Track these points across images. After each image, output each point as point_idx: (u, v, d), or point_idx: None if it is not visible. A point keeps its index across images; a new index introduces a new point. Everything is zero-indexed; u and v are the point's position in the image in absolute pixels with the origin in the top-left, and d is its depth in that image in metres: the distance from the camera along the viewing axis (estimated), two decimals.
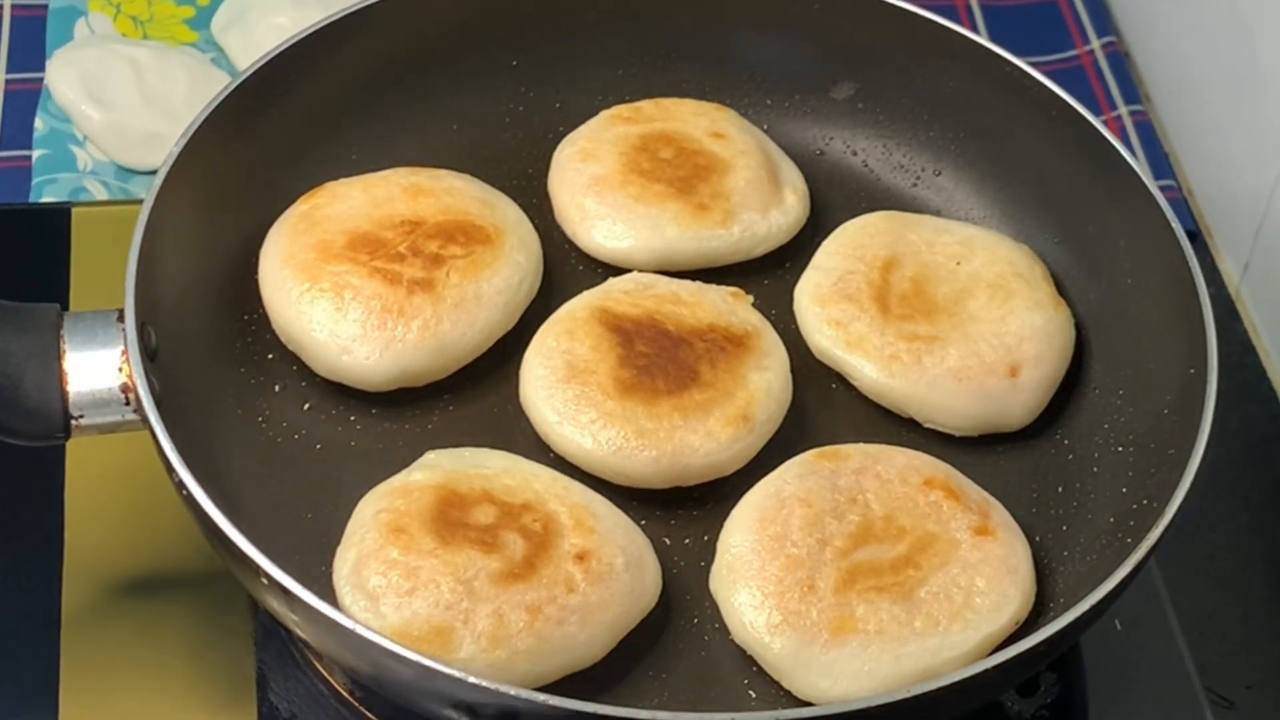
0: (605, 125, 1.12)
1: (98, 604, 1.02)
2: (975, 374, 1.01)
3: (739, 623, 0.93)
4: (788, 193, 1.10)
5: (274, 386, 1.02)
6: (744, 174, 1.09)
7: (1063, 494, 1.01)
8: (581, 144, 1.11)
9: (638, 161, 1.10)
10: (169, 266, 0.98)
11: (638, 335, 1.00)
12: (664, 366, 0.99)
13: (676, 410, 0.98)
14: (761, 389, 0.99)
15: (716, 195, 1.08)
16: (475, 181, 1.08)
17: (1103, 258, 1.06)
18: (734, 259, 1.09)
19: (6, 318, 0.94)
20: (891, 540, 0.94)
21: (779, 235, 1.09)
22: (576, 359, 0.99)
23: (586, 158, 1.10)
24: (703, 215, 1.08)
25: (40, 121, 1.29)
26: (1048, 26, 1.42)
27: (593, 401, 0.98)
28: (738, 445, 0.98)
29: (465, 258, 1.02)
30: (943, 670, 0.90)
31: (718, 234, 1.08)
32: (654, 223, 1.08)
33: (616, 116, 1.13)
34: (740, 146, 1.10)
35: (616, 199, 1.09)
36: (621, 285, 1.04)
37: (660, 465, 0.97)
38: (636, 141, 1.11)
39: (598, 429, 0.97)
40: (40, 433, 0.94)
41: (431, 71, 1.13)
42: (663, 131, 1.11)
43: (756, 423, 0.98)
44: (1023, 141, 1.11)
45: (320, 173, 1.09)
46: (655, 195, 1.08)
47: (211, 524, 0.87)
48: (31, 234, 1.20)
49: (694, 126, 1.11)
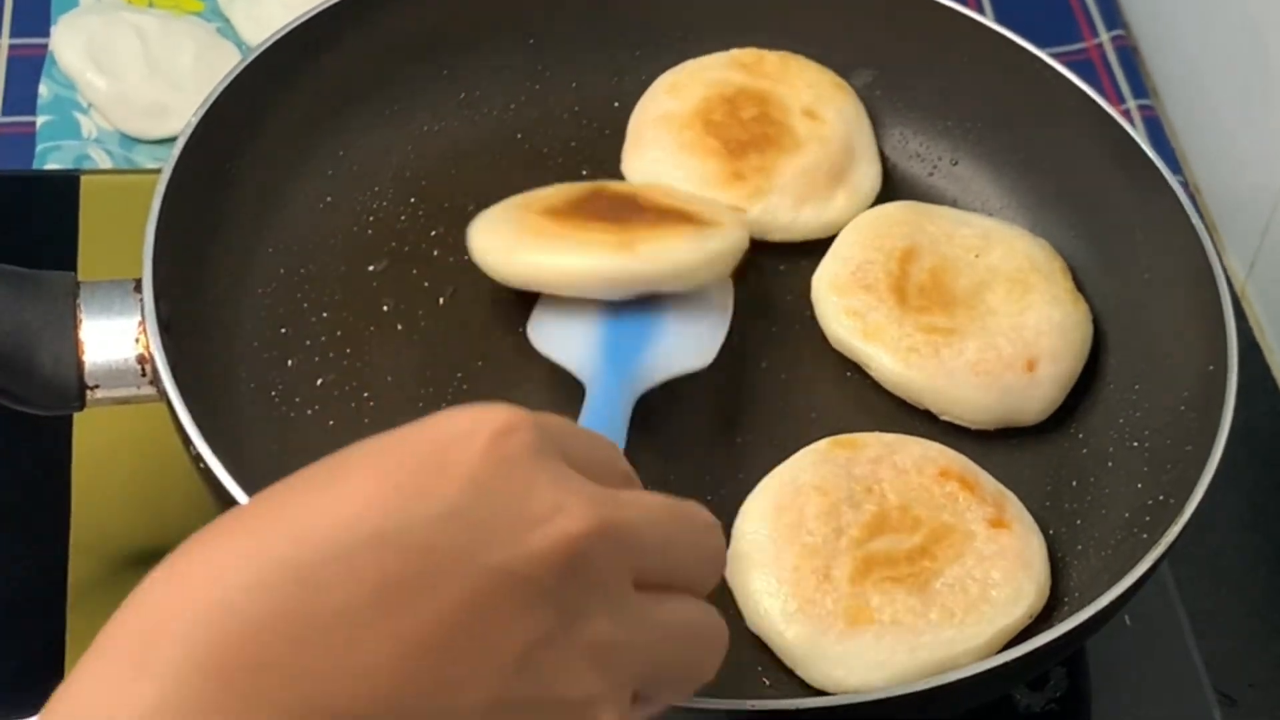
0: (714, 65, 1.12)
1: (105, 577, 1.01)
2: (993, 367, 1.01)
3: (753, 609, 0.93)
4: (841, 194, 1.09)
5: (287, 361, 1.01)
6: (804, 160, 1.08)
7: (1077, 488, 1.00)
8: (677, 77, 1.12)
9: (713, 112, 1.10)
10: (184, 237, 0.98)
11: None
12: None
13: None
14: None
15: (760, 170, 1.08)
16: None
17: (1120, 252, 1.06)
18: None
19: (22, 285, 0.93)
20: (907, 531, 0.94)
21: (803, 230, 1.08)
22: None
23: (673, 90, 1.11)
24: (732, 183, 1.07)
25: (45, 88, 1.28)
26: (1057, 17, 1.42)
27: None
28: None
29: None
30: (957, 662, 0.90)
31: (737, 206, 1.07)
32: (684, 172, 1.08)
33: (735, 60, 1.13)
34: (823, 133, 1.09)
35: (667, 139, 1.09)
36: None
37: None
38: (728, 91, 1.11)
39: None
40: (54, 403, 0.93)
41: (448, 44, 1.13)
42: (760, 90, 1.11)
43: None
44: (1042, 133, 1.10)
45: (336, 145, 1.08)
46: (704, 149, 1.08)
47: (231, 500, 0.86)
48: (38, 201, 1.19)
49: (795, 97, 1.11)
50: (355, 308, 1.04)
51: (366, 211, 1.08)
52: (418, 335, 1.03)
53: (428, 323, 1.04)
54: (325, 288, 1.04)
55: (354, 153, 1.09)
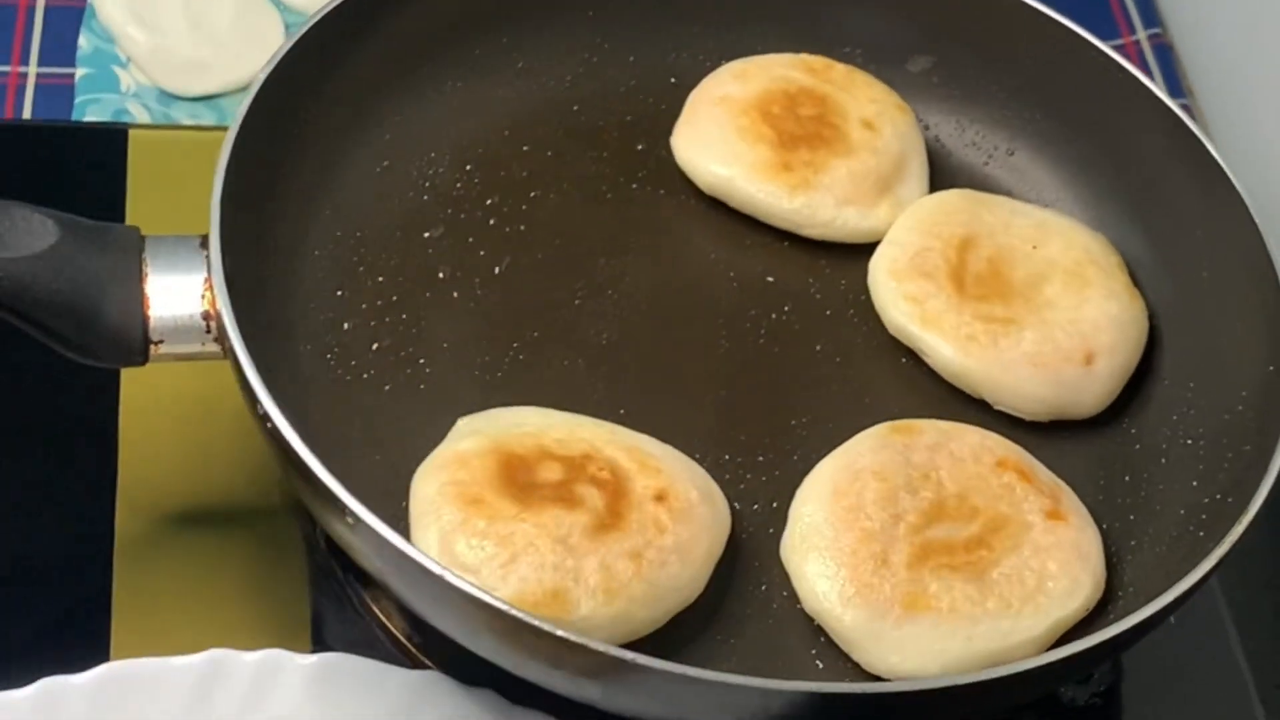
0: (781, 62, 1.12)
1: (151, 533, 1.01)
2: (1050, 360, 1.01)
3: (810, 592, 0.92)
4: (885, 204, 1.08)
5: (343, 324, 1.00)
6: (853, 164, 1.08)
7: (1130, 483, 1.00)
8: (745, 66, 1.12)
9: (772, 103, 1.09)
10: (247, 195, 0.96)
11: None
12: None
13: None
14: None
15: (809, 165, 1.07)
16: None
17: (1179, 248, 1.06)
18: (785, 226, 1.08)
19: (89, 236, 0.92)
20: (965, 519, 0.94)
21: (841, 231, 1.08)
22: None
23: (738, 77, 1.11)
24: (779, 173, 1.07)
25: (84, 39, 1.27)
26: (1094, 13, 1.42)
27: None
28: None
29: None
30: (1013, 653, 0.90)
31: (778, 195, 1.07)
32: (733, 153, 1.08)
33: (804, 62, 1.12)
34: (877, 144, 1.09)
35: (723, 119, 1.09)
36: None
37: None
38: (791, 88, 1.10)
39: None
40: (117, 356, 0.92)
41: (510, 14, 1.12)
42: (823, 93, 1.10)
43: None
44: (1101, 126, 1.10)
45: (395, 110, 1.07)
46: (757, 135, 1.08)
47: (296, 459, 0.85)
48: (83, 154, 1.18)
49: (857, 107, 1.10)
50: (411, 274, 1.03)
51: (423, 178, 1.08)
52: (474, 304, 1.03)
53: (484, 291, 1.03)
54: (381, 252, 1.04)
55: (412, 118, 1.08)
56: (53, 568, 1.00)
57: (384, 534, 0.83)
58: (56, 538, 1.00)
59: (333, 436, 0.95)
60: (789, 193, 1.07)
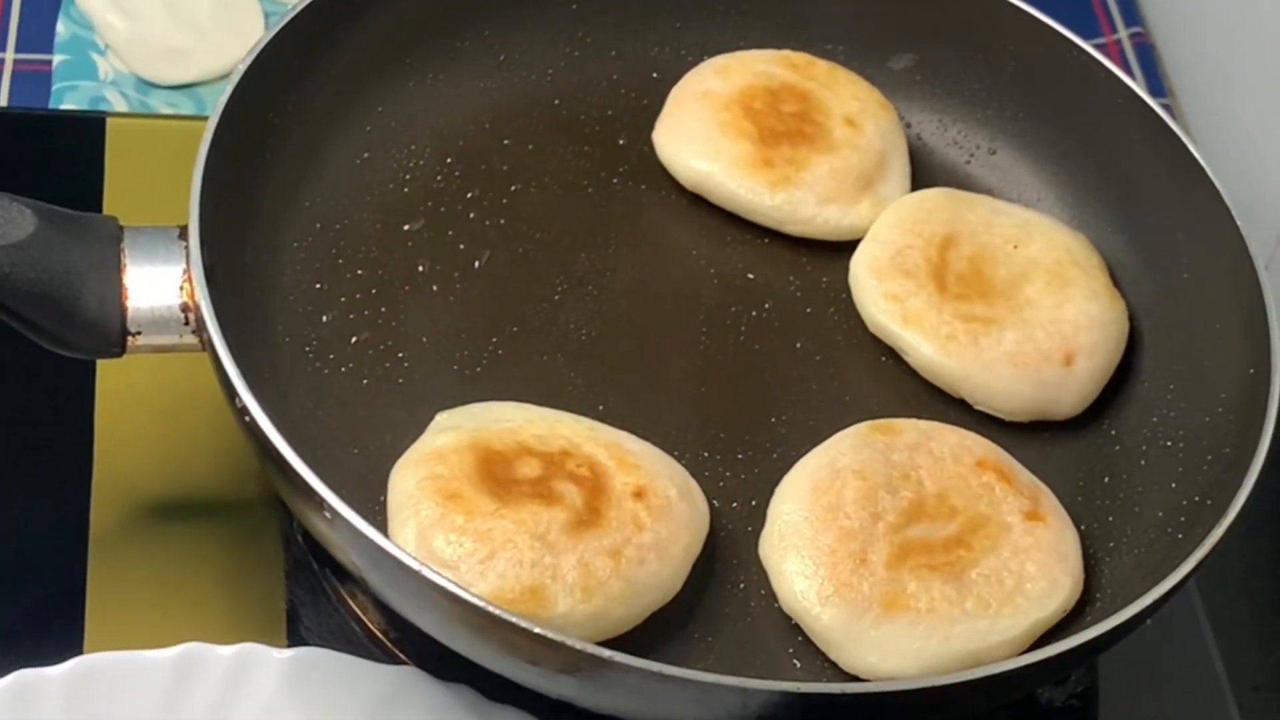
0: (763, 58, 1.12)
1: (126, 524, 1.00)
2: (1031, 360, 1.01)
3: (789, 591, 0.92)
4: (866, 202, 1.08)
5: (322, 317, 1.00)
6: (835, 161, 1.08)
7: (1109, 484, 1.00)
8: (726, 61, 1.11)
9: (754, 99, 1.09)
10: (226, 186, 0.96)
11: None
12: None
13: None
14: None
15: (790, 161, 1.07)
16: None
17: (1160, 249, 1.06)
18: (766, 222, 1.08)
19: (68, 226, 0.91)
20: (944, 519, 0.94)
21: (822, 229, 1.07)
22: None
23: (720, 72, 1.11)
24: (760, 169, 1.07)
25: (62, 26, 1.26)
26: (1075, 12, 1.41)
27: None
28: None
29: None
30: (991, 654, 0.90)
31: (758, 190, 1.07)
32: (715, 149, 1.07)
33: (786, 59, 1.12)
34: (859, 141, 1.08)
35: (705, 115, 1.08)
36: None
37: None
38: (773, 84, 1.10)
39: None
40: (94, 347, 0.92)
41: (491, 6, 1.12)
42: (805, 90, 1.10)
43: None
44: (1083, 126, 1.10)
45: (376, 102, 1.07)
46: (738, 131, 1.08)
47: (274, 451, 0.85)
48: (60, 142, 1.17)
49: (839, 104, 1.10)
50: (390, 267, 1.03)
51: (403, 170, 1.07)
52: (453, 297, 1.02)
53: (464, 285, 1.03)
54: (361, 244, 1.03)
55: (392, 110, 1.08)
56: (27, 560, 0.99)
57: (361, 528, 0.83)
58: (31, 529, 1.00)
59: (311, 430, 0.95)
60: (770, 189, 1.07)
